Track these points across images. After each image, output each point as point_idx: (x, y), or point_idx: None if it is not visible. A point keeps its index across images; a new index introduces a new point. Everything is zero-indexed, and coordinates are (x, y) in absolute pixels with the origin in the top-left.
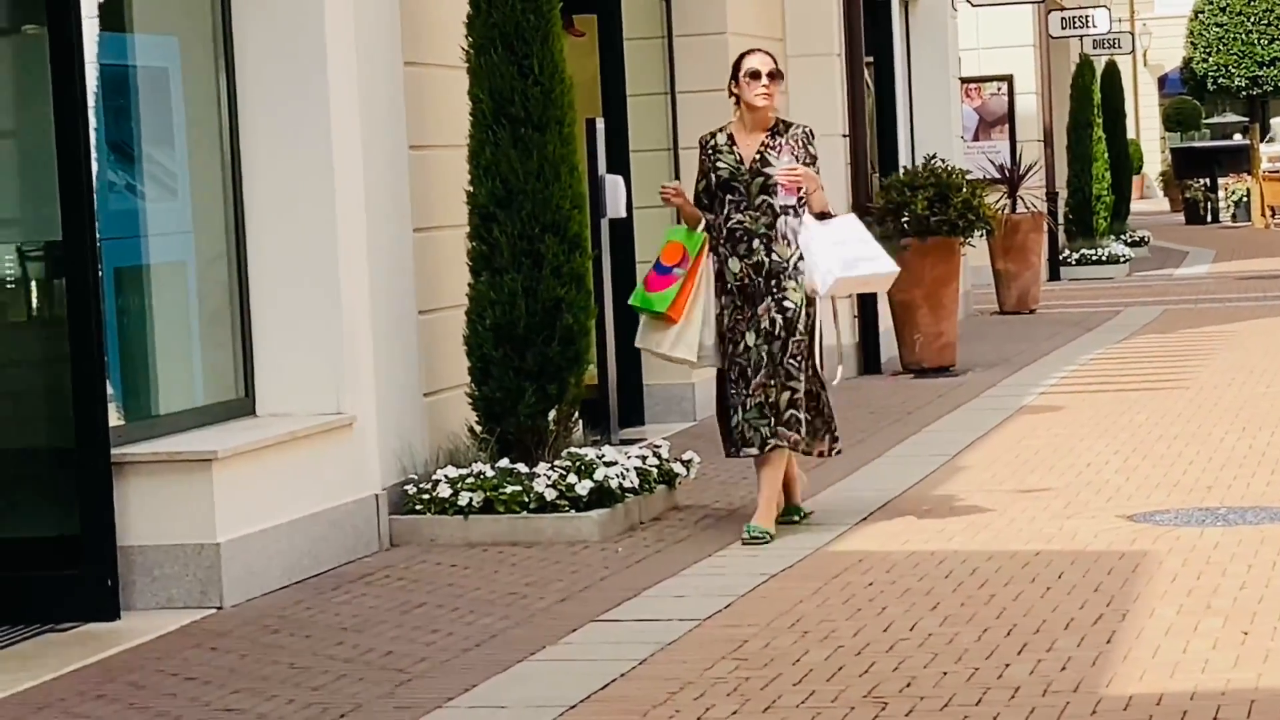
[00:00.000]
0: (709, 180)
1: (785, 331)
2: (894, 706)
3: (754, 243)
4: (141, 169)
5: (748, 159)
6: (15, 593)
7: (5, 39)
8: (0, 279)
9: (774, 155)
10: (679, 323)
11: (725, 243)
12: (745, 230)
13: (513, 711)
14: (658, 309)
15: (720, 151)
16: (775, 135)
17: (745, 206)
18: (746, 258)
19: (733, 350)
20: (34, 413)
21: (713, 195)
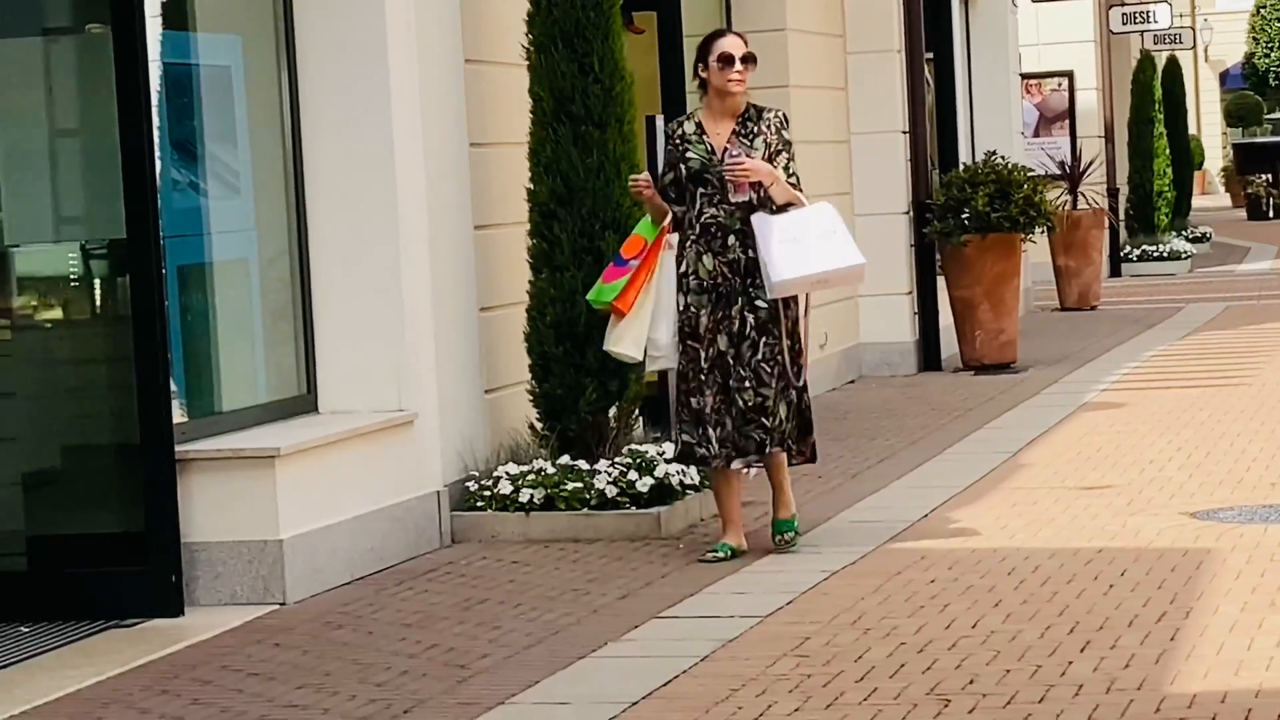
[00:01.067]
0: (677, 172)
1: (757, 333)
2: (957, 704)
3: (729, 239)
4: (204, 167)
5: (718, 149)
6: (81, 588)
7: (69, 38)
8: (65, 277)
9: (746, 144)
10: (627, 315)
11: (700, 238)
12: (719, 225)
13: (575, 708)
14: (606, 300)
15: (689, 141)
16: (747, 122)
17: (718, 200)
18: (721, 254)
19: (710, 354)
20: (99, 410)
21: (681, 188)
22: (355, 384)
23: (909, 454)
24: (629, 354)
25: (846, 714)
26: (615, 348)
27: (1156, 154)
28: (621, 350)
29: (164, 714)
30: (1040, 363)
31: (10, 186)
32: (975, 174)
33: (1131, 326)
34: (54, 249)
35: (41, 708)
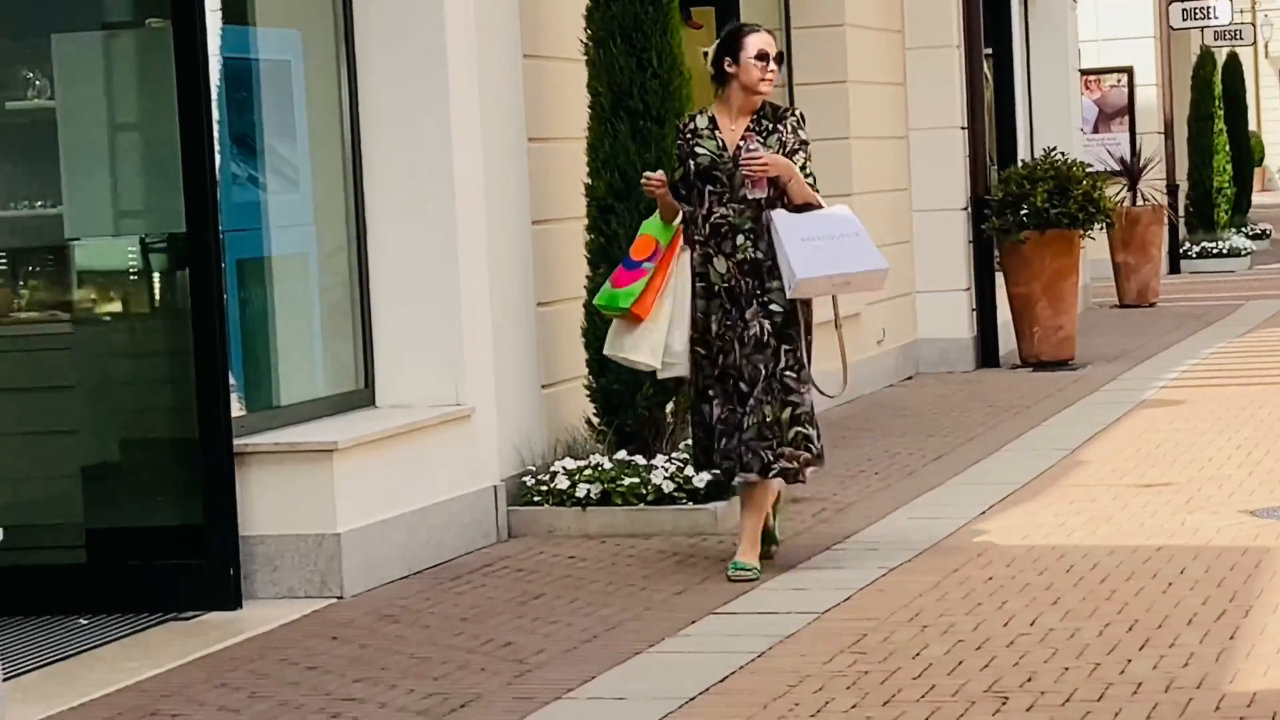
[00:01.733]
0: (687, 168)
1: (775, 339)
2: (1015, 701)
3: (739, 239)
4: (263, 161)
5: (731, 145)
6: (139, 581)
7: (130, 32)
8: (124, 271)
9: (761, 141)
10: (645, 321)
11: (710, 239)
12: (729, 225)
13: (632, 703)
14: (622, 306)
15: (700, 136)
16: (763, 120)
17: (728, 198)
18: (732, 255)
19: (723, 362)
20: (157, 403)
21: (691, 185)
22: (413, 378)
23: (966, 451)
24: (647, 362)
25: (904, 711)
26: (632, 355)
27: (1216, 150)
28: (638, 359)
29: (222, 706)
30: (1098, 359)
31: (71, 180)
32: (1034, 170)
33: (1190, 323)
34: (114, 243)
35: (100, 699)
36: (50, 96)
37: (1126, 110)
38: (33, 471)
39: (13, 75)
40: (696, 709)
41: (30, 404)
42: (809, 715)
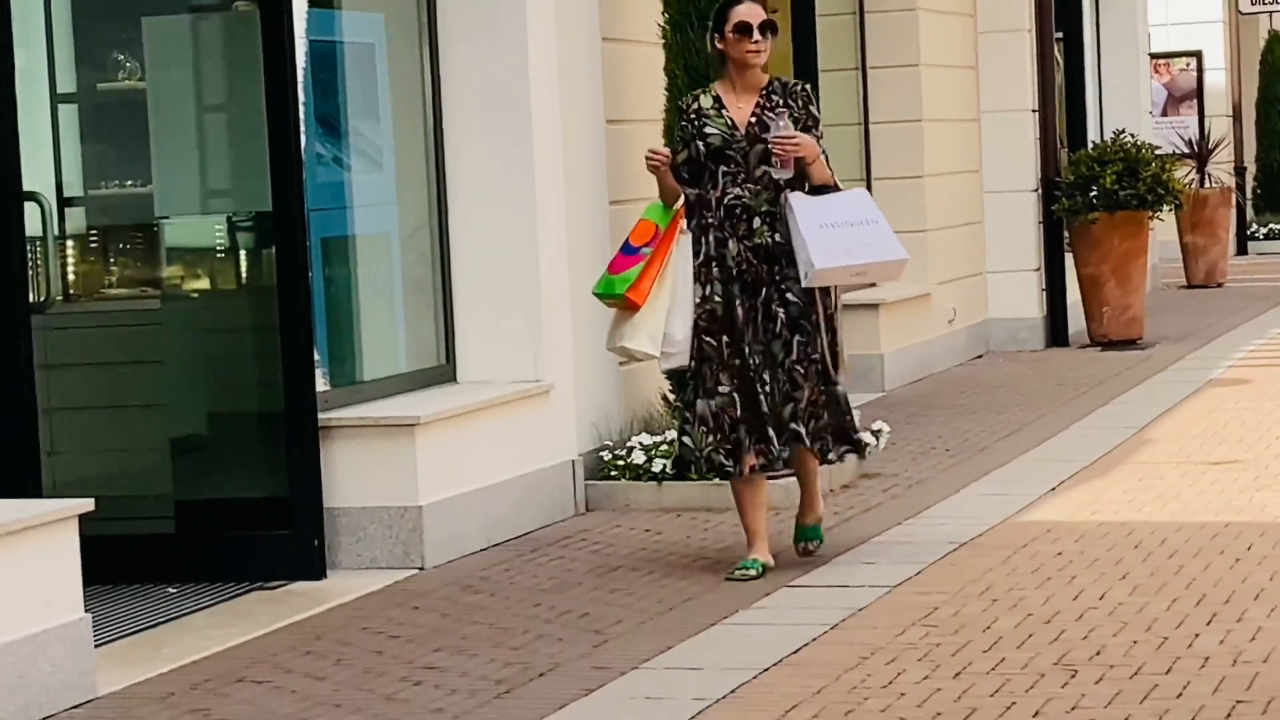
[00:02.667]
0: (693, 150)
1: (789, 330)
2: (1084, 674)
3: (755, 221)
4: (348, 142)
5: (741, 123)
6: (228, 552)
7: (218, 15)
8: (212, 249)
9: (772, 119)
10: (642, 308)
11: (724, 222)
12: (745, 207)
13: (707, 673)
14: (618, 291)
15: (707, 116)
16: (772, 95)
17: (744, 179)
18: (747, 239)
19: (730, 349)
20: (244, 378)
21: (699, 167)
22: (493, 355)
23: (1036, 428)
24: (645, 351)
25: (974, 683)
26: (629, 344)
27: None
28: (636, 347)
29: (307, 674)
30: (1166, 339)
31: (160, 160)
32: (1104, 152)
33: (1257, 304)
34: (202, 221)
35: (188, 666)
36: (141, 78)
37: (1195, 94)
38: (123, 444)
39: (105, 57)
40: (770, 679)
41: (121, 379)
42: (880, 687)
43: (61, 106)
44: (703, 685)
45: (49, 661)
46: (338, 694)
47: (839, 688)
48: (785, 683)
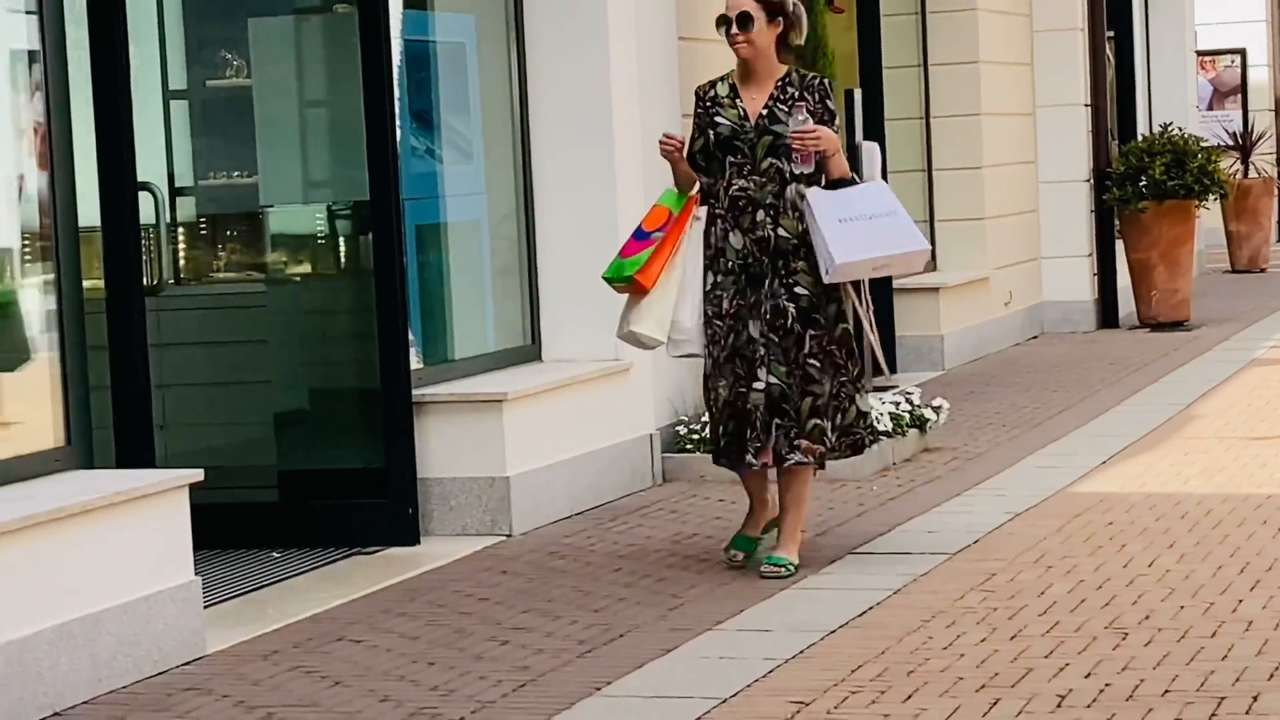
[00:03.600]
0: (707, 138)
1: (800, 324)
2: (1134, 637)
3: (759, 214)
4: (440, 135)
5: (753, 114)
6: (329, 519)
7: (318, 17)
8: (313, 235)
9: (784, 111)
10: (652, 292)
11: (727, 213)
12: (749, 199)
13: (777, 635)
14: (627, 274)
15: (721, 104)
16: (787, 87)
17: (749, 171)
18: (750, 231)
19: (734, 341)
20: (343, 357)
21: (710, 156)
22: (576, 335)
23: (1088, 405)
24: (652, 335)
25: (1029, 645)
26: (637, 328)
27: None
28: (643, 330)
29: (402, 634)
30: (1212, 321)
31: (265, 152)
32: (1153, 144)
33: None
34: (304, 210)
35: (293, 626)
36: (247, 75)
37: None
38: (231, 418)
39: (213, 56)
40: (837, 641)
41: (228, 357)
42: (941, 648)
43: (173, 102)
44: (773, 646)
45: (162, 621)
46: (431, 652)
47: (901, 649)
48: (851, 644)
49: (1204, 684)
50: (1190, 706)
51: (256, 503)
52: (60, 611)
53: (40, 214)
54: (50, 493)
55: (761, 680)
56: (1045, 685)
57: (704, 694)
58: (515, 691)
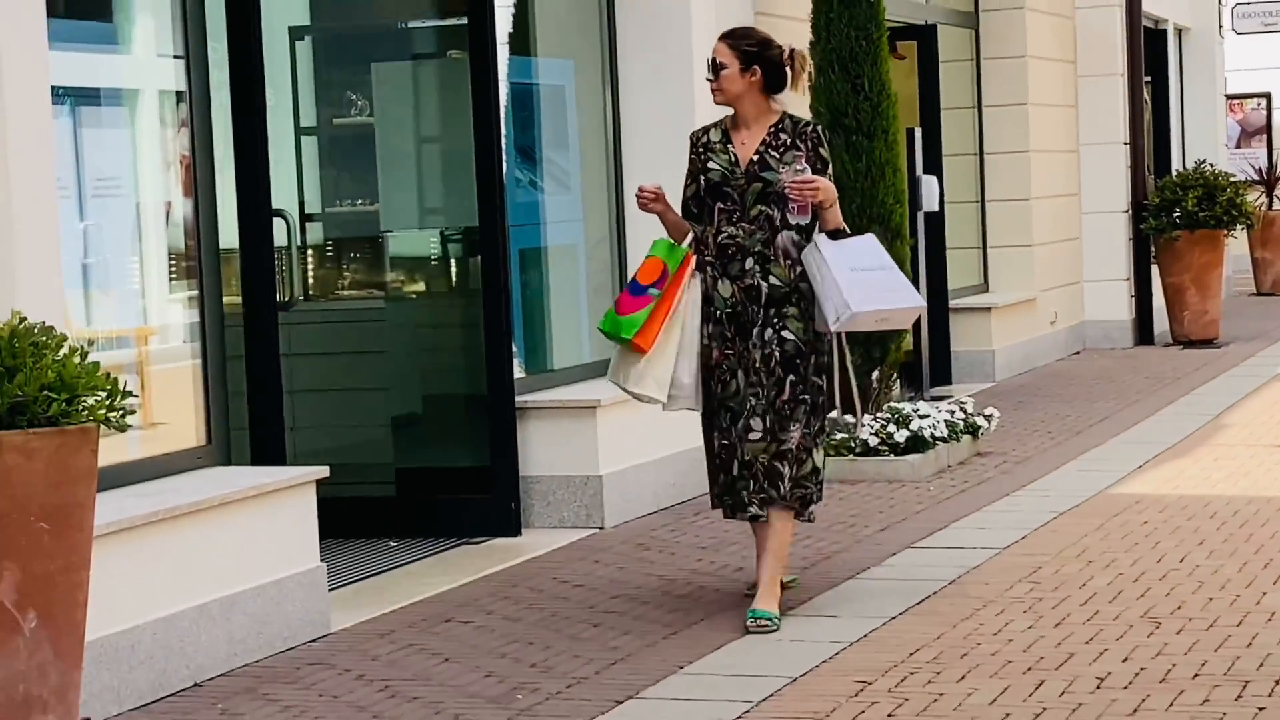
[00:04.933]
0: (699, 184)
1: (783, 370)
2: (1166, 626)
3: (747, 262)
4: (542, 168)
5: (744, 160)
6: (440, 512)
7: (434, 62)
8: (428, 258)
9: (774, 158)
10: (648, 353)
11: (715, 260)
12: (737, 246)
13: (842, 620)
14: (625, 336)
15: (713, 150)
16: (780, 133)
17: (739, 218)
18: (739, 279)
19: (721, 392)
20: (454, 366)
21: (702, 203)
22: None
23: (1125, 415)
24: (652, 396)
25: (1072, 632)
26: (635, 389)
27: None
28: (642, 391)
29: (505, 616)
30: (1239, 339)
31: (385, 183)
32: (1186, 179)
33: None
34: (419, 234)
35: (407, 607)
36: (370, 114)
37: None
38: (353, 421)
39: (340, 96)
40: (898, 626)
41: (351, 366)
42: (991, 634)
43: (304, 137)
44: (839, 630)
45: (291, 603)
46: (530, 633)
47: (955, 634)
48: (910, 629)
49: (1230, 669)
50: (1218, 689)
51: (375, 497)
52: (201, 593)
53: (185, 236)
54: (192, 487)
55: (828, 661)
56: (1086, 669)
57: (776, 673)
58: (606, 669)
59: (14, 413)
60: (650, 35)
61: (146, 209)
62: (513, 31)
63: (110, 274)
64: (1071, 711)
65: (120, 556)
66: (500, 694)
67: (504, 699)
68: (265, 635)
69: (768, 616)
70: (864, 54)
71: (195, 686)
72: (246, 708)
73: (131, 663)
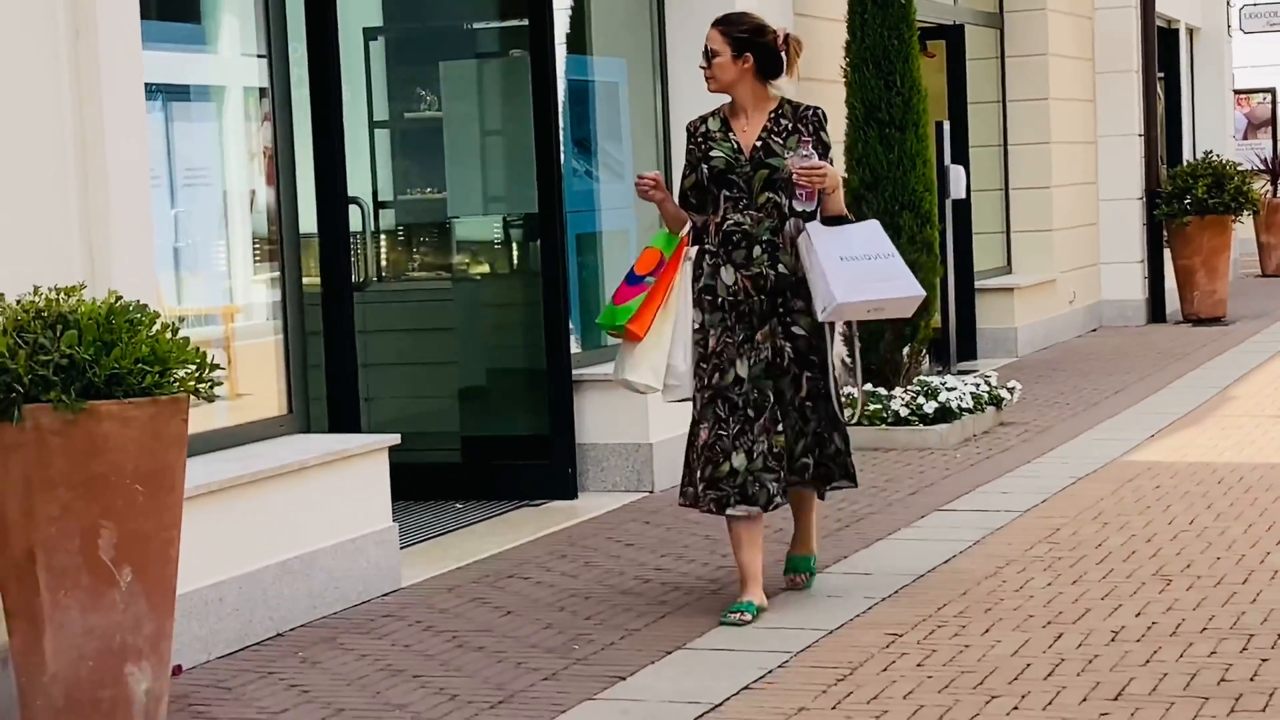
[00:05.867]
0: (699, 174)
1: (797, 365)
2: (1177, 583)
3: (754, 250)
4: (596, 159)
5: (747, 147)
6: (502, 477)
7: (497, 61)
8: (491, 242)
9: (778, 143)
10: (644, 340)
11: (720, 248)
12: (744, 234)
13: (876, 577)
14: (619, 322)
15: (714, 139)
16: (780, 119)
17: (745, 205)
18: (744, 268)
19: (719, 380)
20: (514, 342)
21: (704, 192)
22: None
23: (1138, 388)
24: (648, 384)
25: (1087, 589)
26: (631, 377)
27: None
28: (638, 380)
29: (563, 572)
30: (1245, 318)
31: (452, 172)
32: (1196, 168)
33: None
34: (483, 220)
35: (471, 564)
36: (438, 109)
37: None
38: (423, 392)
39: (411, 93)
40: (928, 582)
41: (421, 342)
42: (1013, 590)
43: (377, 130)
44: (871, 586)
45: (366, 559)
46: (586, 588)
47: (980, 591)
48: (937, 585)
49: (1236, 623)
50: (1224, 642)
51: (443, 463)
52: (283, 550)
53: (268, 222)
54: (275, 453)
55: (862, 615)
56: (1101, 623)
57: (813, 626)
58: (655, 622)
59: (111, 384)
60: (697, 35)
61: (232, 197)
62: (570, 32)
63: (199, 257)
64: (1088, 662)
65: (209, 516)
66: (558, 644)
67: (561, 649)
68: (342, 589)
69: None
70: (896, 52)
71: (277, 636)
72: (324, 656)
73: (219, 614)
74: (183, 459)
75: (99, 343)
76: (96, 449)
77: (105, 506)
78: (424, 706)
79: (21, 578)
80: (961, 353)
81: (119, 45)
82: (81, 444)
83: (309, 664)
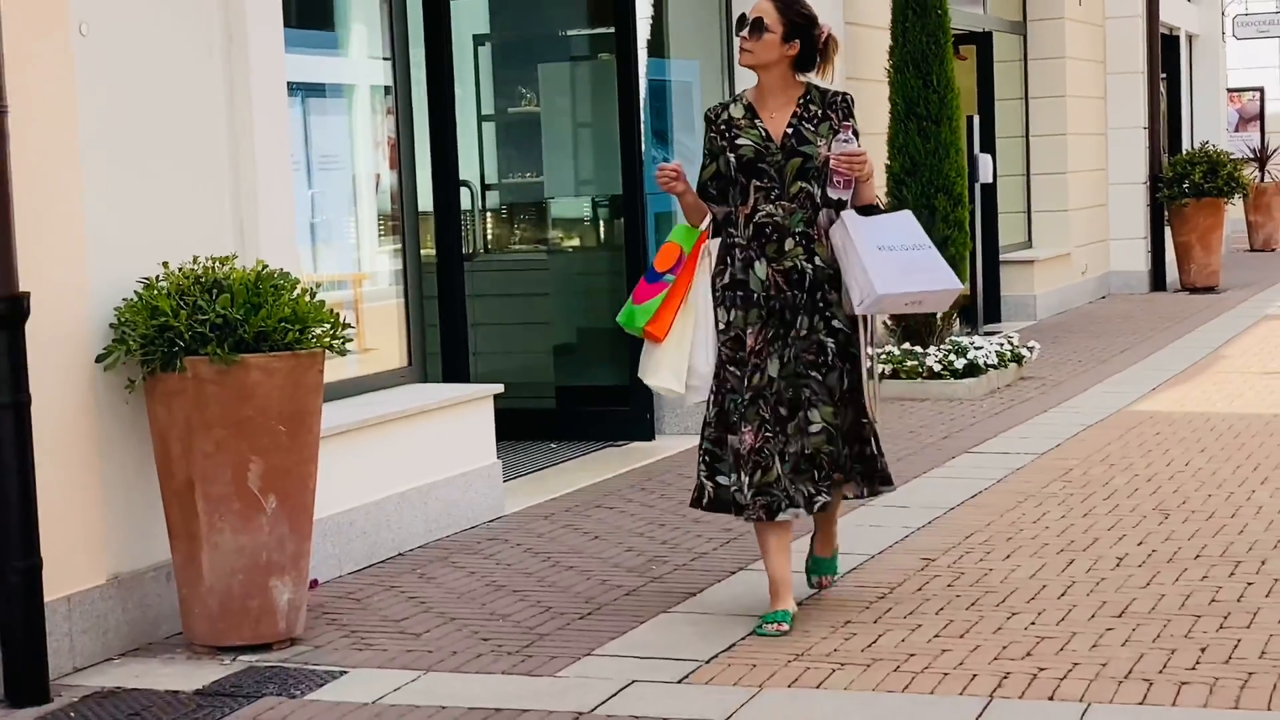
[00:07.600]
0: (721, 164)
1: (840, 359)
2: (1174, 517)
3: (786, 242)
4: (673, 147)
5: (777, 134)
6: (590, 420)
7: (588, 63)
8: (581, 219)
9: (810, 130)
10: (664, 342)
11: (751, 241)
12: (776, 226)
13: (912, 510)
14: (639, 324)
15: (739, 126)
16: (810, 105)
17: (777, 196)
18: (776, 261)
19: (758, 380)
20: (600, 306)
21: (727, 183)
22: None
23: (1142, 347)
24: (669, 388)
25: (1096, 521)
26: (652, 380)
27: None
28: (659, 383)
29: (642, 504)
30: (1235, 287)
31: (548, 159)
32: (1193, 157)
33: None
34: (575, 200)
35: (563, 496)
36: (536, 105)
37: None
38: (523, 348)
39: (513, 92)
40: (955, 515)
41: (522, 305)
42: (1031, 522)
43: (484, 123)
44: (908, 517)
45: (474, 490)
46: (662, 517)
47: (1002, 522)
48: (965, 517)
49: (1225, 551)
50: (1215, 568)
51: (540, 409)
52: (403, 482)
53: (391, 202)
54: (397, 399)
55: (899, 542)
56: (1108, 550)
57: (857, 551)
58: (722, 546)
59: (259, 340)
60: None
61: (360, 179)
62: (650, 38)
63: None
64: (1096, 584)
65: (341, 453)
66: (637, 564)
67: (640, 569)
68: (453, 516)
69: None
70: (933, 56)
71: (399, 555)
72: (439, 572)
73: (350, 536)
74: (319, 404)
75: (248, 304)
76: (246, 395)
77: (253, 443)
78: (523, 616)
79: (182, 504)
80: (988, 316)
81: (265, 50)
82: (233, 390)
83: (425, 579)
